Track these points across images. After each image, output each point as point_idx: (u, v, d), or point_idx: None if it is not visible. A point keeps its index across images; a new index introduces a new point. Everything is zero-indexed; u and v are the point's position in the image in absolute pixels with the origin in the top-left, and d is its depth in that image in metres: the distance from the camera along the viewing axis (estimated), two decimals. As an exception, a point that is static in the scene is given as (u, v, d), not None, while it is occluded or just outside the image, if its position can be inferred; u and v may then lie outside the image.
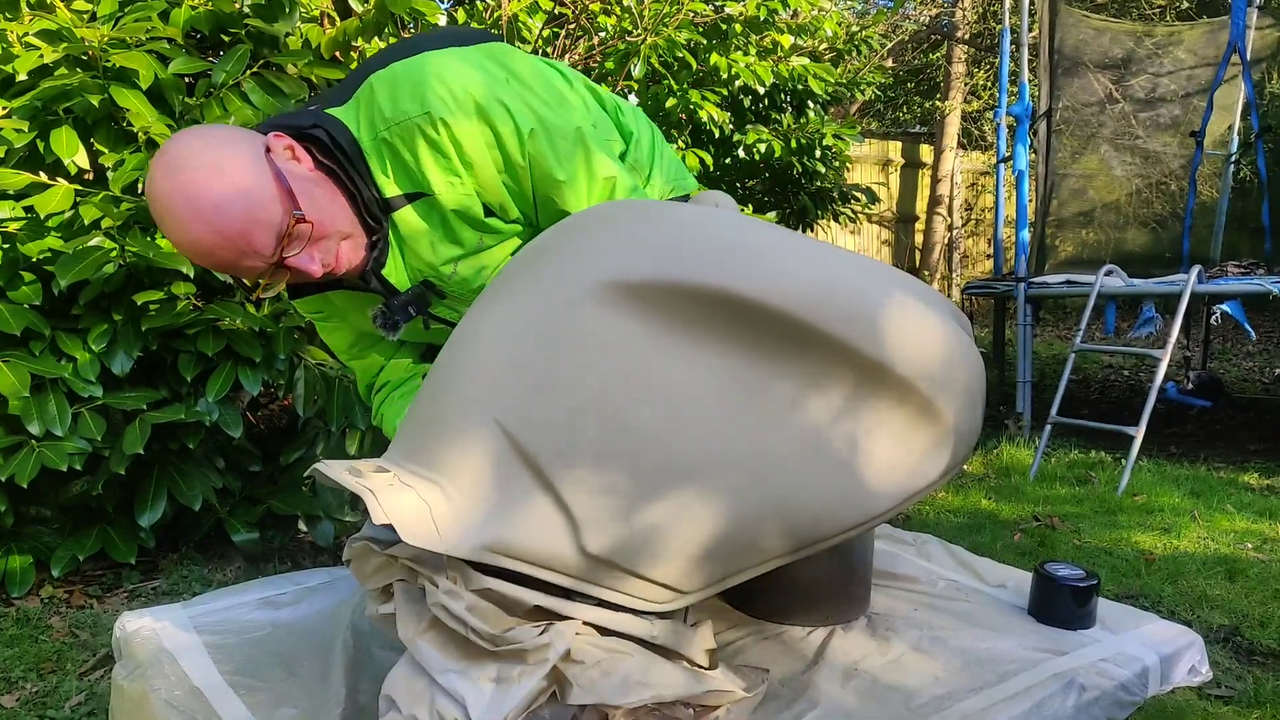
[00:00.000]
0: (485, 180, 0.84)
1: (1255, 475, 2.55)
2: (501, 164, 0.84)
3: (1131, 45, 3.99)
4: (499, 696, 0.60)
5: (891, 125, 8.84)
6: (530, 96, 0.86)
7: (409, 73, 0.82)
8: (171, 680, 0.72)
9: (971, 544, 1.70)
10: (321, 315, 0.98)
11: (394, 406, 0.99)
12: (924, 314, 0.72)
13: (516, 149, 0.84)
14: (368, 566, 0.69)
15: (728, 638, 0.80)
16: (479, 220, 0.87)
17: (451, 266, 0.89)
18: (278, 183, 0.75)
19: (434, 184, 0.82)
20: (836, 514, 0.68)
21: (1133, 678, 0.76)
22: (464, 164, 0.83)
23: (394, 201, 0.83)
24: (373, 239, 0.84)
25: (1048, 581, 0.87)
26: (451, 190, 0.83)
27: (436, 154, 0.81)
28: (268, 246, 0.75)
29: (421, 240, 0.86)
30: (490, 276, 0.92)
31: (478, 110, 0.82)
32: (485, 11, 2.24)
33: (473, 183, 0.84)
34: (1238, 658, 1.33)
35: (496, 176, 0.85)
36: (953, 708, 0.69)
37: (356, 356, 1.01)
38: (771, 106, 3.07)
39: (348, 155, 0.81)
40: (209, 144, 0.75)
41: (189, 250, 0.74)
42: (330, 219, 0.79)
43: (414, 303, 0.89)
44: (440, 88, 0.80)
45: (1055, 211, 3.76)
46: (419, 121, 0.80)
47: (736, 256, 0.69)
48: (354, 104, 0.83)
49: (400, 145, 0.81)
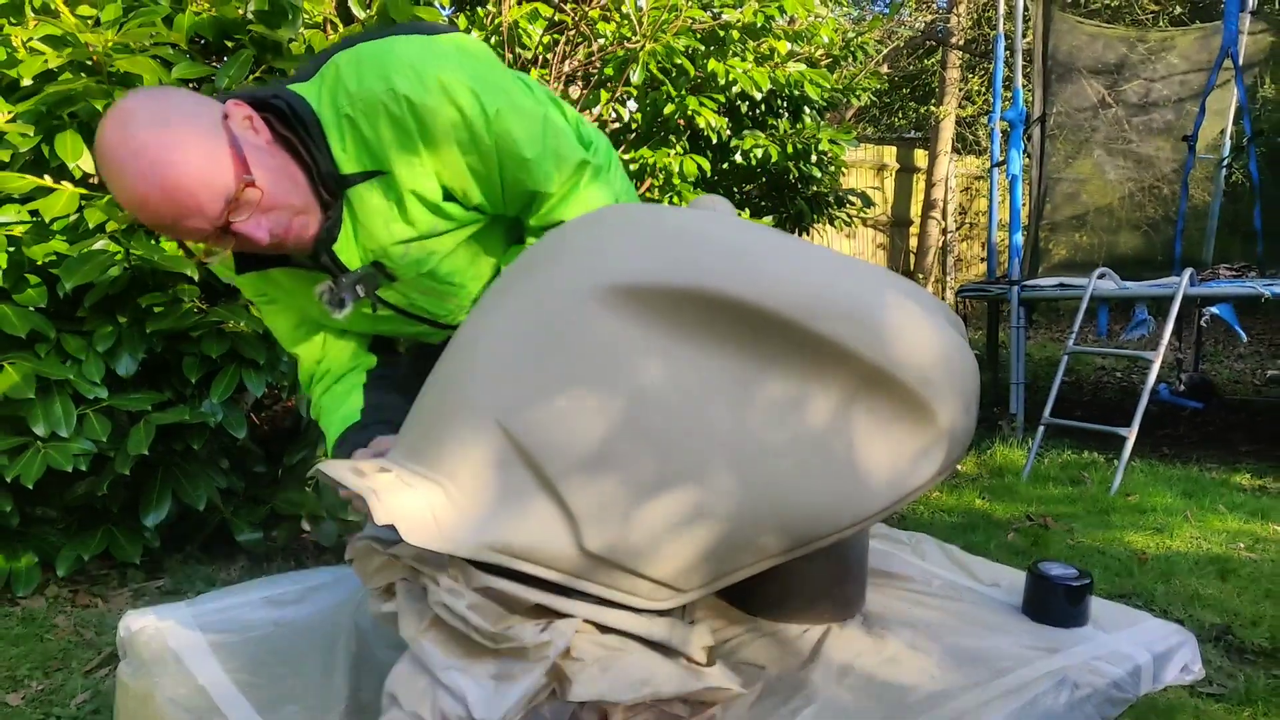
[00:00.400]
0: (448, 161, 0.83)
1: (1247, 476, 2.57)
2: (468, 145, 0.83)
3: (1125, 51, 4.02)
4: (500, 693, 0.61)
5: (887, 130, 8.88)
6: (495, 78, 0.86)
7: (375, 51, 0.81)
8: (176, 678, 0.72)
9: (966, 543, 1.71)
10: (265, 297, 0.96)
11: (333, 398, 0.97)
12: (918, 316, 0.73)
13: (483, 128, 0.83)
14: (370, 566, 0.70)
15: (725, 635, 0.81)
16: (435, 203, 0.86)
17: (403, 248, 0.87)
18: (231, 147, 0.75)
19: (394, 162, 0.82)
20: (832, 514, 0.69)
21: (1125, 676, 0.77)
22: (425, 144, 0.82)
23: (351, 178, 0.82)
24: (327, 214, 0.83)
25: (1041, 581, 0.88)
26: (411, 170, 0.82)
27: (398, 131, 0.80)
28: (214, 209, 0.74)
29: (376, 219, 0.85)
30: (439, 263, 0.91)
31: (442, 89, 0.80)
32: (486, 18, 2.26)
33: (433, 163, 0.83)
34: (1229, 656, 1.34)
35: (460, 159, 0.83)
36: (947, 705, 0.70)
37: (300, 340, 0.99)
38: (768, 112, 3.09)
39: (306, 128, 0.80)
40: (163, 103, 0.74)
41: (132, 205, 0.73)
42: (283, 191, 0.79)
43: (363, 282, 0.88)
44: (405, 66, 0.80)
45: (1048, 215, 3.79)
46: (383, 98, 0.79)
47: (734, 260, 0.70)
48: (318, 80, 0.82)
49: (362, 121, 0.80)
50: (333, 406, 0.97)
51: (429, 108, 0.80)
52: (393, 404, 0.97)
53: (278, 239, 0.79)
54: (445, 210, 0.87)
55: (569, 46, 2.45)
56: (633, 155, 2.60)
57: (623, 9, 2.43)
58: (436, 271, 0.91)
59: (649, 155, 2.56)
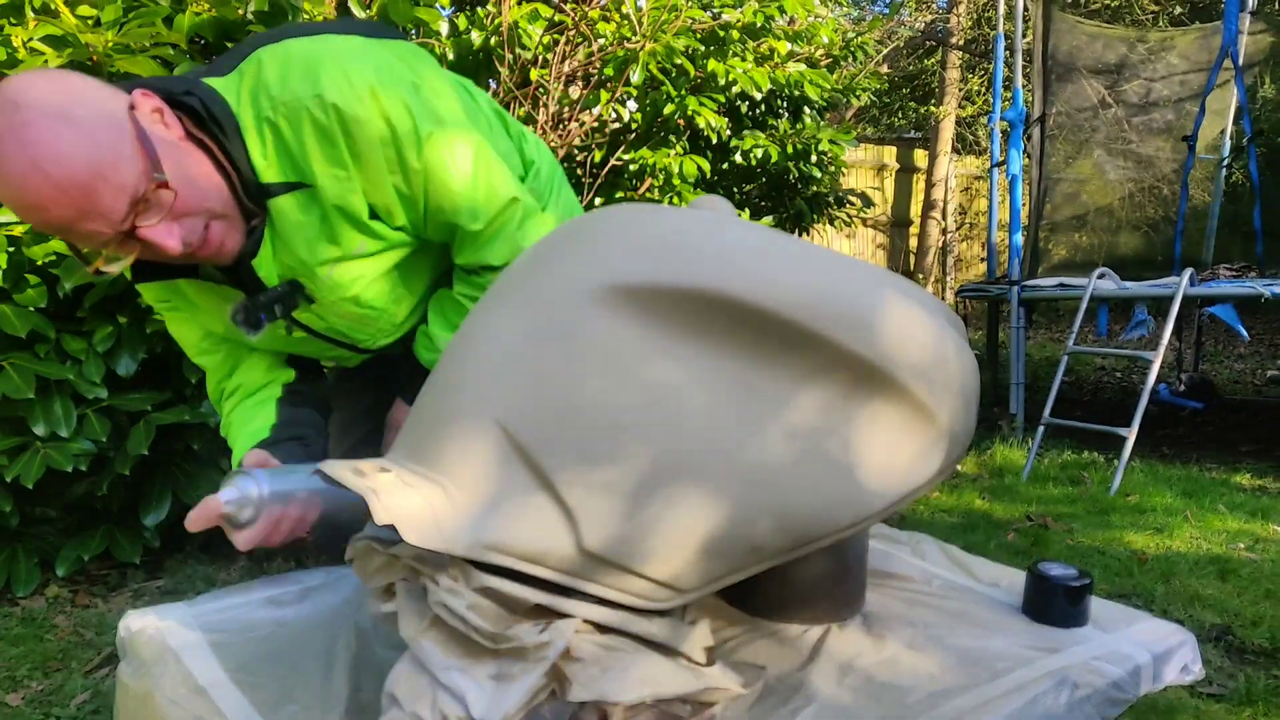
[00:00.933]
0: (373, 178, 0.77)
1: (1247, 476, 2.57)
2: (395, 164, 0.77)
3: (1125, 51, 4.02)
4: (500, 693, 0.61)
5: (886, 130, 8.89)
6: (434, 100, 0.80)
7: (305, 51, 0.74)
8: (176, 678, 0.72)
9: (966, 543, 1.71)
10: (169, 304, 0.87)
11: (245, 414, 0.89)
12: (918, 316, 0.73)
13: (413, 150, 0.77)
14: (370, 565, 0.70)
15: (725, 635, 0.81)
16: (361, 220, 0.79)
17: (327, 269, 0.80)
18: (138, 141, 0.66)
19: (317, 174, 0.75)
20: (832, 513, 0.69)
21: (1125, 676, 0.77)
22: (352, 156, 0.75)
23: (272, 188, 0.75)
24: (251, 224, 0.76)
25: (1041, 581, 0.88)
26: (336, 184, 0.76)
27: (324, 142, 0.74)
28: (116, 211, 0.64)
29: (297, 235, 0.78)
30: (365, 288, 0.84)
31: (375, 102, 0.74)
32: (486, 18, 2.26)
33: (359, 179, 0.76)
34: (1229, 656, 1.34)
35: (386, 177, 0.77)
36: (946, 705, 0.70)
37: (208, 351, 0.91)
38: (768, 112, 3.09)
39: (224, 130, 0.72)
40: (58, 86, 0.64)
41: (21, 204, 0.62)
42: (200, 194, 0.70)
43: (280, 302, 0.81)
44: (337, 72, 0.73)
45: (1048, 215, 3.79)
46: (309, 104, 0.72)
47: (734, 261, 0.70)
48: (236, 76, 0.74)
49: (285, 127, 0.73)
50: (242, 422, 0.88)
51: (358, 119, 0.73)
52: (308, 420, 0.90)
53: (191, 249, 0.71)
54: (372, 229, 0.80)
55: (569, 47, 2.45)
56: (632, 155, 2.60)
57: (623, 9, 2.43)
58: (360, 297, 0.84)
59: (649, 156, 2.56)
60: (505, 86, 2.27)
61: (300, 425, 0.89)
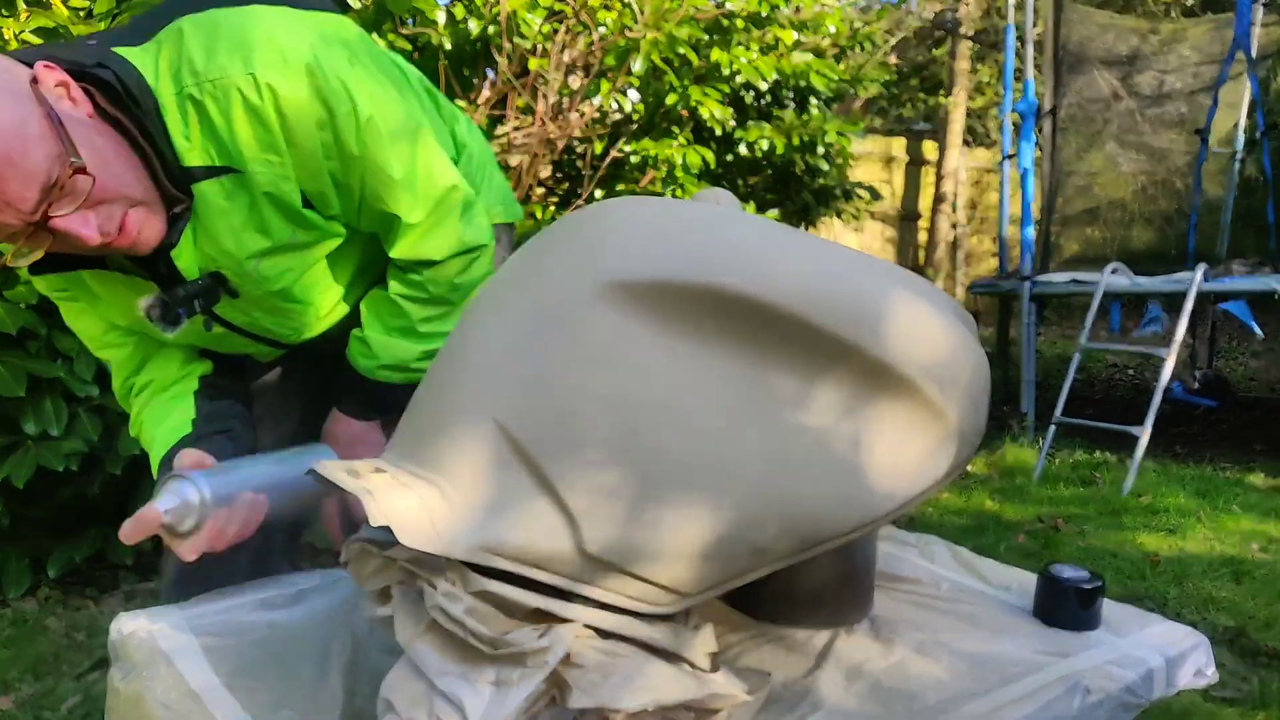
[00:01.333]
0: (307, 164, 0.72)
1: (1261, 475, 2.54)
2: (331, 149, 0.72)
3: (1137, 42, 3.97)
4: (498, 699, 0.59)
5: (895, 122, 8.83)
6: (371, 81, 0.74)
7: (233, 23, 0.67)
8: (168, 682, 0.72)
9: (975, 545, 1.69)
10: (66, 294, 0.80)
11: (159, 410, 0.82)
12: (928, 313, 0.71)
13: (351, 135, 0.72)
14: (366, 568, 0.69)
15: (729, 640, 0.80)
16: (294, 209, 0.74)
17: (255, 261, 0.74)
18: (47, 121, 0.59)
19: (247, 158, 0.69)
20: (839, 515, 0.68)
21: (1138, 680, 0.75)
22: (287, 140, 0.70)
23: (195, 172, 0.69)
24: (174, 211, 0.69)
25: (1052, 583, 0.87)
26: (268, 169, 0.70)
27: (255, 123, 0.68)
28: (27, 200, 0.59)
29: (223, 224, 0.72)
30: (294, 282, 0.79)
31: (311, 83, 0.69)
32: (485, 7, 2.24)
33: (292, 164, 0.71)
34: (1244, 659, 1.33)
35: (322, 163, 0.72)
36: (956, 711, 0.68)
37: (112, 345, 0.83)
38: (774, 103, 3.07)
39: (141, 108, 0.65)
40: None
41: None
42: (117, 179, 0.64)
43: (202, 296, 0.75)
44: (270, 48, 0.67)
45: (1060, 209, 3.75)
46: (240, 82, 0.66)
47: (738, 255, 0.68)
48: (153, 47, 0.67)
49: (212, 107, 0.66)
50: (157, 419, 0.82)
51: (296, 100, 0.68)
52: (232, 412, 0.85)
53: (109, 239, 0.65)
54: (306, 219, 0.75)
55: (569, 36, 2.42)
56: (634, 147, 2.58)
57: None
58: (288, 290, 0.80)
59: (651, 147, 2.54)
60: (504, 76, 2.26)
61: (225, 418, 0.84)
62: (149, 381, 0.84)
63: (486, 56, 2.30)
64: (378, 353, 0.87)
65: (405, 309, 0.86)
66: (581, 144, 2.76)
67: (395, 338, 0.87)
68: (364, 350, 0.88)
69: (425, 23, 2.18)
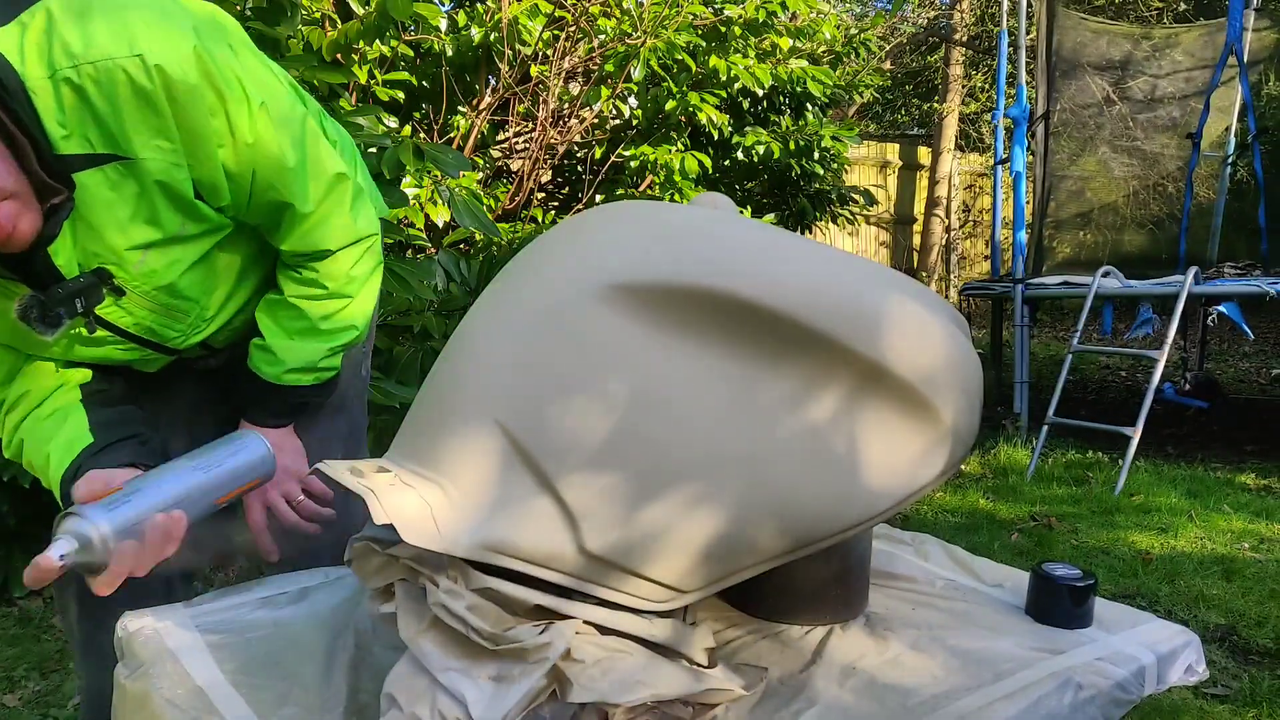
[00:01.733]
0: (199, 151, 0.68)
1: (1252, 476, 2.56)
2: (224, 136, 0.69)
3: (1129, 47, 4.01)
4: (499, 695, 0.60)
5: (890, 127, 8.87)
6: (256, 68, 0.72)
7: (109, 5, 0.63)
8: (174, 679, 0.72)
9: (969, 544, 1.71)
10: None
11: (45, 428, 0.75)
12: (922, 315, 0.73)
13: (245, 122, 0.69)
14: (369, 566, 0.70)
15: (727, 636, 0.80)
16: (186, 199, 0.70)
17: (140, 254, 0.70)
18: None
19: (136, 145, 0.65)
20: (834, 514, 0.69)
21: (1129, 677, 0.76)
22: (179, 126, 0.66)
23: (72, 161, 0.64)
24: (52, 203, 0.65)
25: (1045, 581, 0.88)
26: (160, 156, 0.66)
27: (146, 109, 0.64)
28: None
29: (107, 215, 0.67)
30: (181, 276, 0.74)
31: (200, 67, 0.65)
32: (486, 14, 2.25)
33: (186, 152, 0.68)
34: (1234, 657, 1.34)
35: (214, 151, 0.69)
36: (950, 706, 0.69)
37: None
38: (770, 109, 3.09)
39: (6, 89, 0.61)
40: None
41: None
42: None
43: (83, 294, 0.69)
44: (155, 30, 0.63)
45: (1053, 213, 3.78)
46: (126, 65, 0.62)
47: (735, 258, 0.69)
48: (15, 28, 0.62)
49: (93, 90, 0.62)
50: (43, 438, 0.75)
51: (187, 84, 0.65)
52: (133, 416, 0.80)
53: None
54: (197, 209, 0.72)
55: (569, 42, 2.44)
56: (633, 152, 2.59)
57: (624, 4, 2.43)
58: (176, 285, 0.75)
59: (650, 152, 2.56)
60: (505, 83, 2.27)
61: (126, 423, 0.78)
62: (22, 394, 0.77)
63: (488, 63, 2.31)
64: (283, 358, 0.84)
65: (303, 309, 0.84)
66: (581, 149, 2.78)
67: (298, 340, 0.85)
68: (267, 358, 0.85)
69: (427, 29, 2.20)
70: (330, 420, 0.98)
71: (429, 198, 1.79)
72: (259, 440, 0.80)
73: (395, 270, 1.56)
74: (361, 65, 1.96)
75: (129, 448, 0.76)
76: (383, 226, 0.90)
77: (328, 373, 0.89)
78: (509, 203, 2.39)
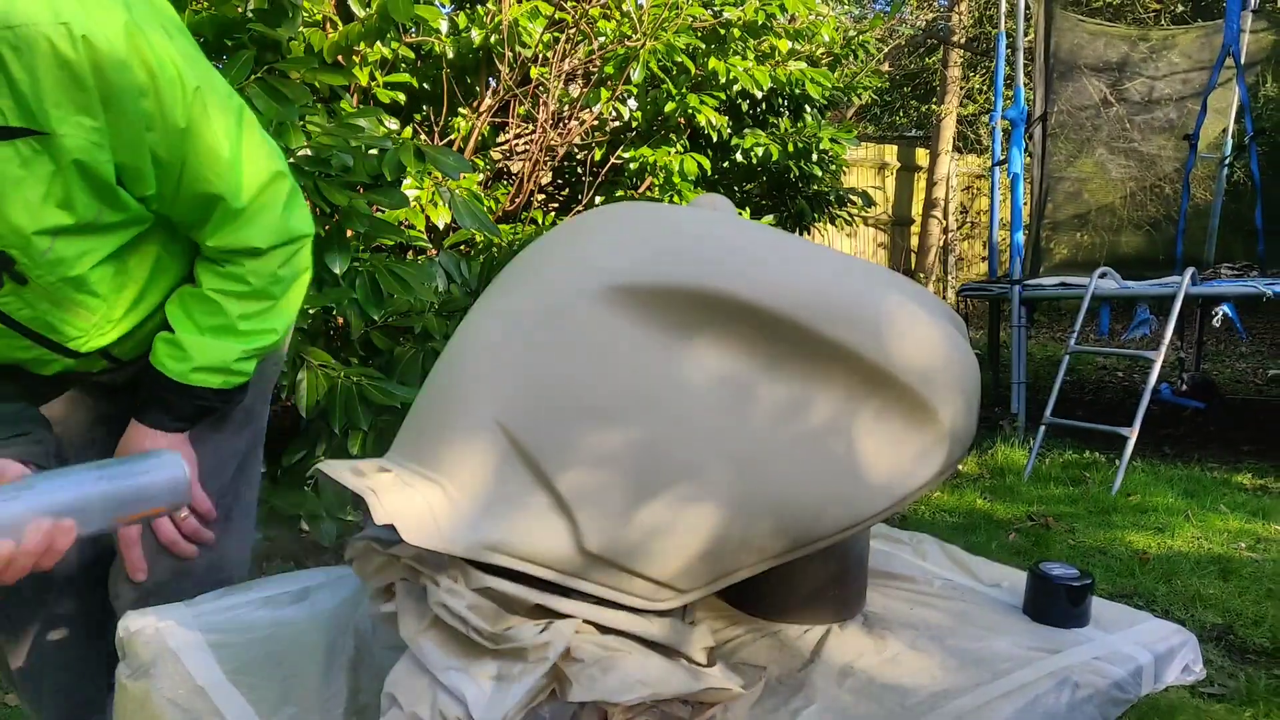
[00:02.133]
0: (125, 133, 0.63)
1: (1248, 476, 2.57)
2: (155, 119, 0.64)
3: (1126, 49, 4.02)
4: (499, 694, 0.60)
5: (888, 129, 8.89)
6: (193, 53, 0.68)
7: None
8: (175, 679, 0.72)
9: (967, 543, 1.71)
10: None
11: None
12: (919, 316, 0.73)
13: (178, 106, 0.64)
14: (370, 566, 0.70)
15: (725, 636, 0.81)
16: (106, 183, 0.64)
17: (49, 240, 0.65)
18: None
19: (54, 119, 0.60)
20: (832, 514, 0.69)
21: (1126, 676, 0.77)
22: (104, 104, 0.61)
23: None
24: None
25: (1042, 581, 0.88)
26: (81, 134, 0.61)
27: (69, 82, 0.59)
28: None
29: (15, 194, 0.62)
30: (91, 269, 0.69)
31: (131, 43, 0.61)
32: (486, 16, 2.26)
33: (110, 132, 0.63)
34: (1231, 656, 1.34)
35: (142, 135, 0.64)
36: (948, 705, 0.70)
37: None
38: (769, 111, 3.09)
39: None
40: None
41: None
42: None
43: None
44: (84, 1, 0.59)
45: (1050, 214, 3.79)
46: (50, 32, 0.58)
47: (735, 260, 0.70)
48: None
49: (10, 57, 0.57)
50: None
51: (116, 59, 0.60)
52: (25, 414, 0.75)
53: None
54: (117, 196, 0.66)
55: (569, 45, 2.44)
56: (633, 154, 2.60)
57: (623, 7, 2.43)
58: (84, 279, 0.70)
59: (649, 154, 2.56)
60: (505, 84, 2.27)
61: (17, 421, 0.74)
62: None
63: (488, 65, 2.32)
64: (192, 354, 0.77)
65: (223, 305, 0.77)
66: (581, 151, 2.78)
67: (210, 337, 0.78)
68: (175, 353, 0.77)
69: (428, 31, 2.20)
70: (233, 434, 0.88)
71: (430, 199, 1.79)
72: (177, 461, 0.71)
73: (396, 271, 1.56)
74: (362, 67, 1.96)
75: (21, 444, 0.71)
76: (383, 228, 0.87)
77: (238, 377, 0.81)
78: (509, 204, 2.39)
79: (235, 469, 0.90)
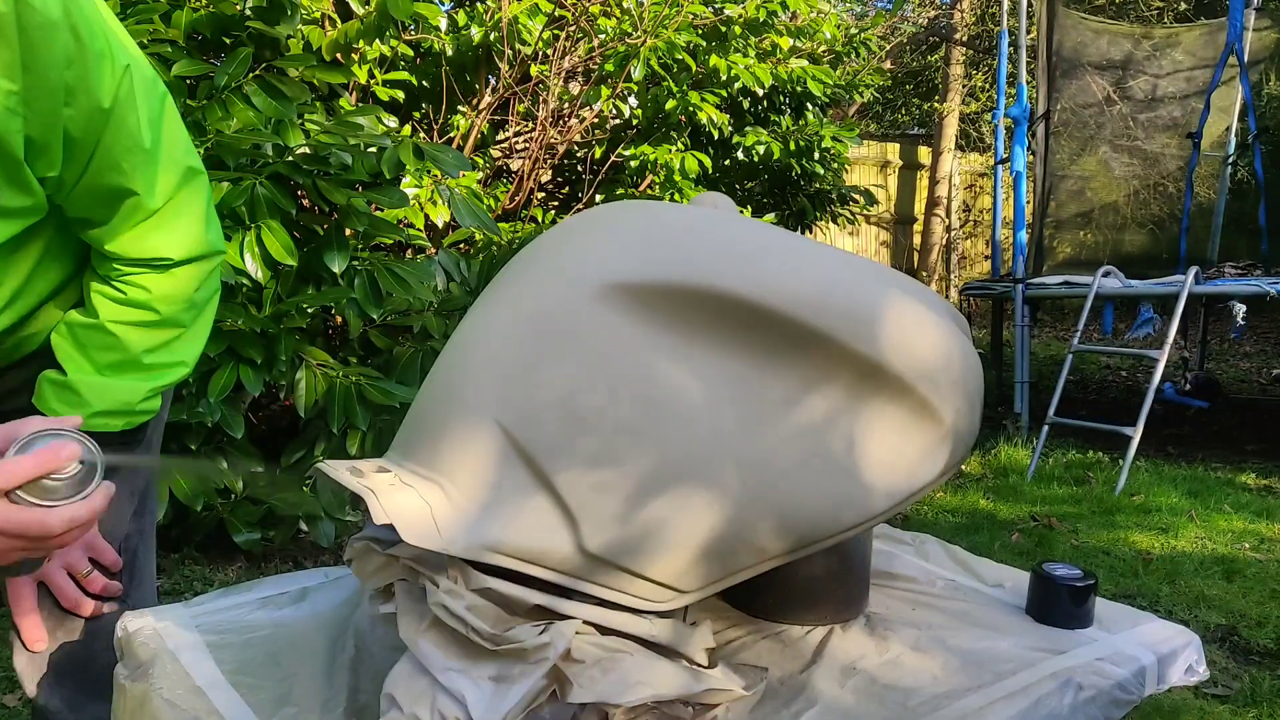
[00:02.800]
0: (41, 103, 0.56)
1: (1252, 475, 2.56)
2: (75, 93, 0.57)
3: (1130, 47, 4.01)
4: (499, 695, 0.60)
5: (890, 127, 8.88)
6: (123, 33, 0.62)
7: None
8: (173, 679, 0.72)
9: (970, 544, 1.71)
10: None
11: None
12: (922, 315, 0.73)
13: (104, 82, 0.58)
14: (369, 566, 0.70)
15: (727, 636, 0.80)
16: (13, 158, 0.57)
17: None
18: None
19: None
20: (834, 514, 0.69)
21: (1130, 677, 0.76)
22: (24, 66, 0.54)
23: None
24: None
25: (1045, 581, 0.87)
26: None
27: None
28: None
29: None
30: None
31: (64, 6, 0.55)
32: (486, 13, 2.25)
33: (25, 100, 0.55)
34: (1234, 657, 1.34)
35: (59, 109, 0.57)
36: (950, 706, 0.69)
37: None
38: (770, 108, 3.09)
39: None
40: None
41: None
42: None
43: None
44: None
45: (1053, 213, 3.78)
46: None
47: (736, 258, 0.69)
48: None
49: None
50: None
51: (47, 19, 0.54)
52: None
53: None
54: (23, 176, 0.58)
55: (569, 42, 2.44)
56: (633, 152, 2.59)
57: (624, 4, 2.43)
58: None
59: (650, 152, 2.56)
60: (505, 82, 2.27)
61: None
62: None
63: (488, 62, 2.31)
64: (88, 398, 0.67)
65: (123, 339, 0.67)
66: (581, 149, 2.78)
67: (111, 376, 0.68)
68: (66, 397, 0.66)
69: (427, 29, 2.20)
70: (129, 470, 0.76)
71: (429, 197, 1.79)
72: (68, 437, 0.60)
73: (395, 270, 1.56)
74: (361, 65, 1.96)
75: None
76: (382, 226, 0.85)
77: (144, 416, 0.71)
78: (509, 202, 2.39)
79: (131, 506, 0.80)
